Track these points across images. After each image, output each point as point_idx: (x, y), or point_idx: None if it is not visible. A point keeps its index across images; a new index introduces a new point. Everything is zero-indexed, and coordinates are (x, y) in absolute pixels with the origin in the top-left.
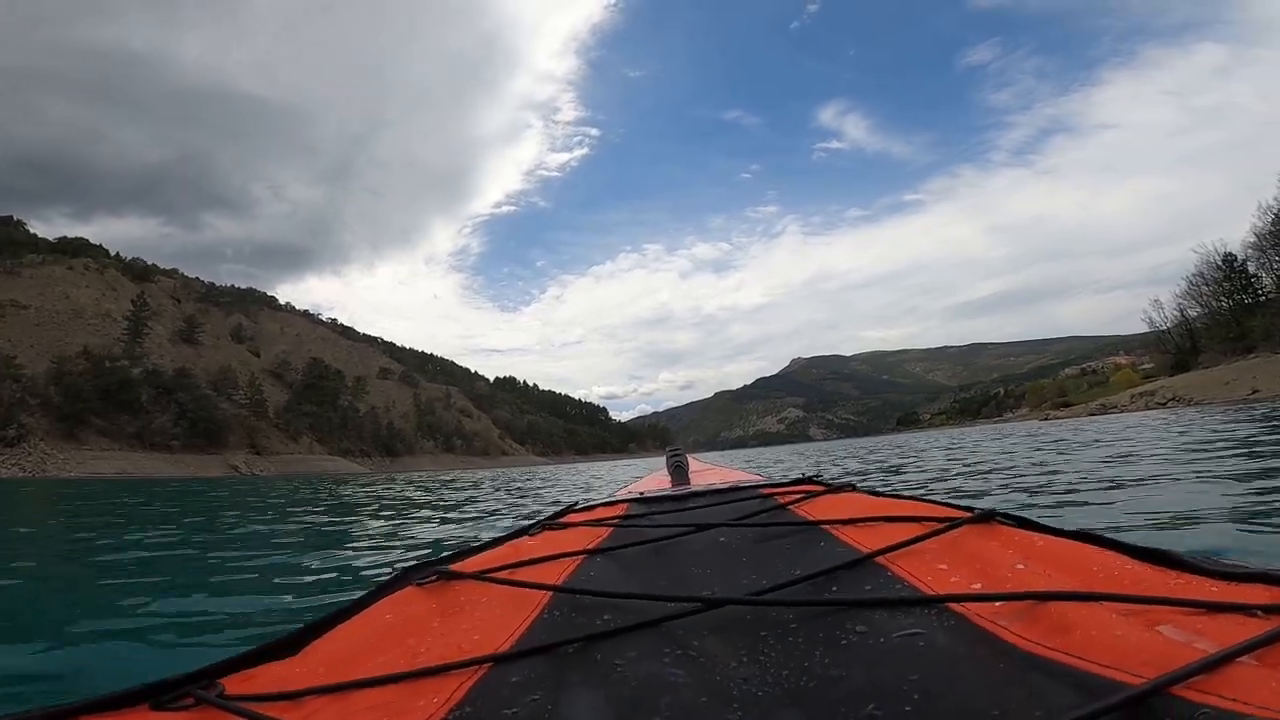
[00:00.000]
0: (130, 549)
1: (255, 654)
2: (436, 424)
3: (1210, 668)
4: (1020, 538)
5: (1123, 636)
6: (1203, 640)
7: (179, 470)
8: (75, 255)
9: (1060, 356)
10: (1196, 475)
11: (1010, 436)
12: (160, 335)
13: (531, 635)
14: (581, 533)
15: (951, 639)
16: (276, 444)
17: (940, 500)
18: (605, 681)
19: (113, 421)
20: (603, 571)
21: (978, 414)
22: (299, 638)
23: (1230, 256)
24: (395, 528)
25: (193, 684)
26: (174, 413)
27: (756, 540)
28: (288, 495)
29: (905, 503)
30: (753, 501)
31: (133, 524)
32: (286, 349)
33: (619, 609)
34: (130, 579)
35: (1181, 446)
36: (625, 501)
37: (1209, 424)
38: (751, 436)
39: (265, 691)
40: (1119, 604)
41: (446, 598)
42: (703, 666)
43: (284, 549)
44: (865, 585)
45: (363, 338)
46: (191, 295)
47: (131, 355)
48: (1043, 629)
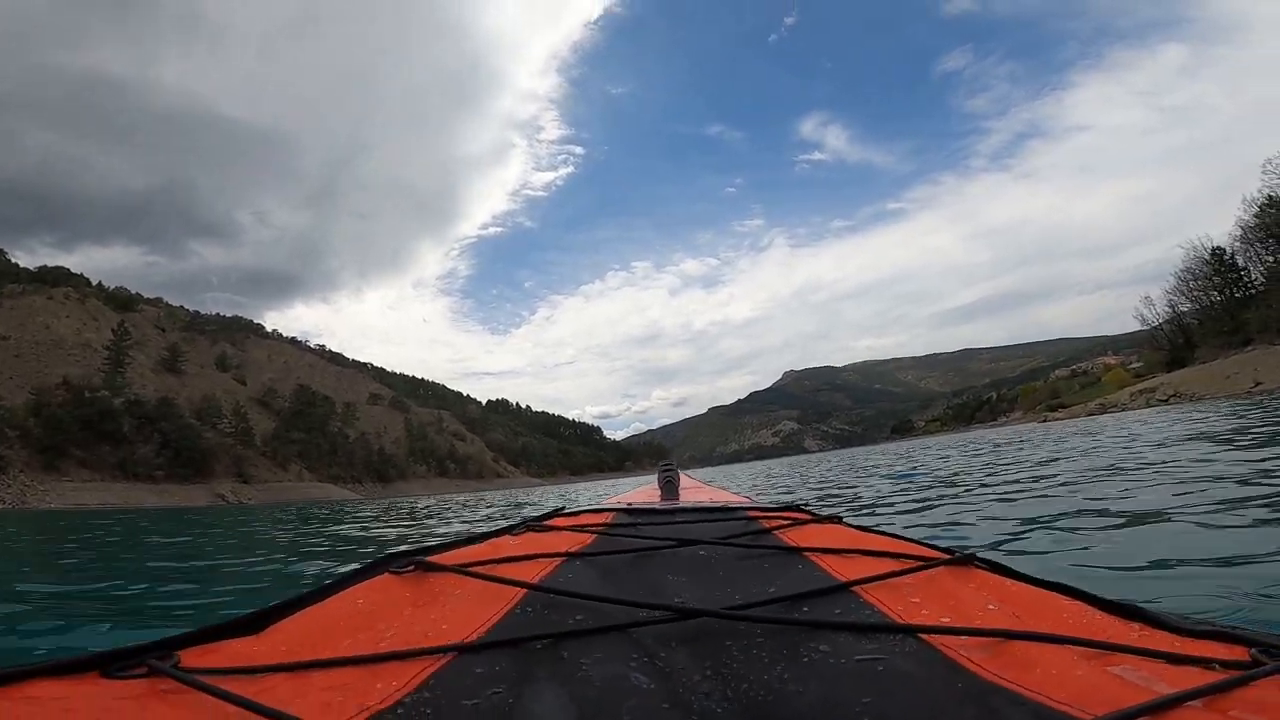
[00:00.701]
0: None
1: (216, 629)
2: (429, 448)
3: (1159, 709)
4: (995, 582)
5: (1081, 676)
6: (1159, 684)
7: (163, 500)
8: (56, 284)
9: (1050, 359)
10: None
11: (1032, 441)
12: (143, 364)
13: (500, 629)
14: (564, 536)
15: (913, 665)
16: (264, 472)
17: (922, 540)
18: (569, 680)
19: (94, 452)
20: (580, 575)
21: (971, 419)
22: (263, 616)
23: (1219, 250)
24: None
25: (147, 654)
26: (157, 442)
27: (736, 559)
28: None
29: (888, 539)
30: (738, 522)
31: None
32: (274, 377)
33: (592, 612)
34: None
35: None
36: (612, 510)
37: (1225, 418)
38: (747, 450)
39: (222, 666)
40: (1083, 648)
41: (421, 587)
42: (667, 675)
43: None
44: (836, 610)
45: (352, 364)
46: (176, 324)
47: (113, 385)
48: (1003, 663)
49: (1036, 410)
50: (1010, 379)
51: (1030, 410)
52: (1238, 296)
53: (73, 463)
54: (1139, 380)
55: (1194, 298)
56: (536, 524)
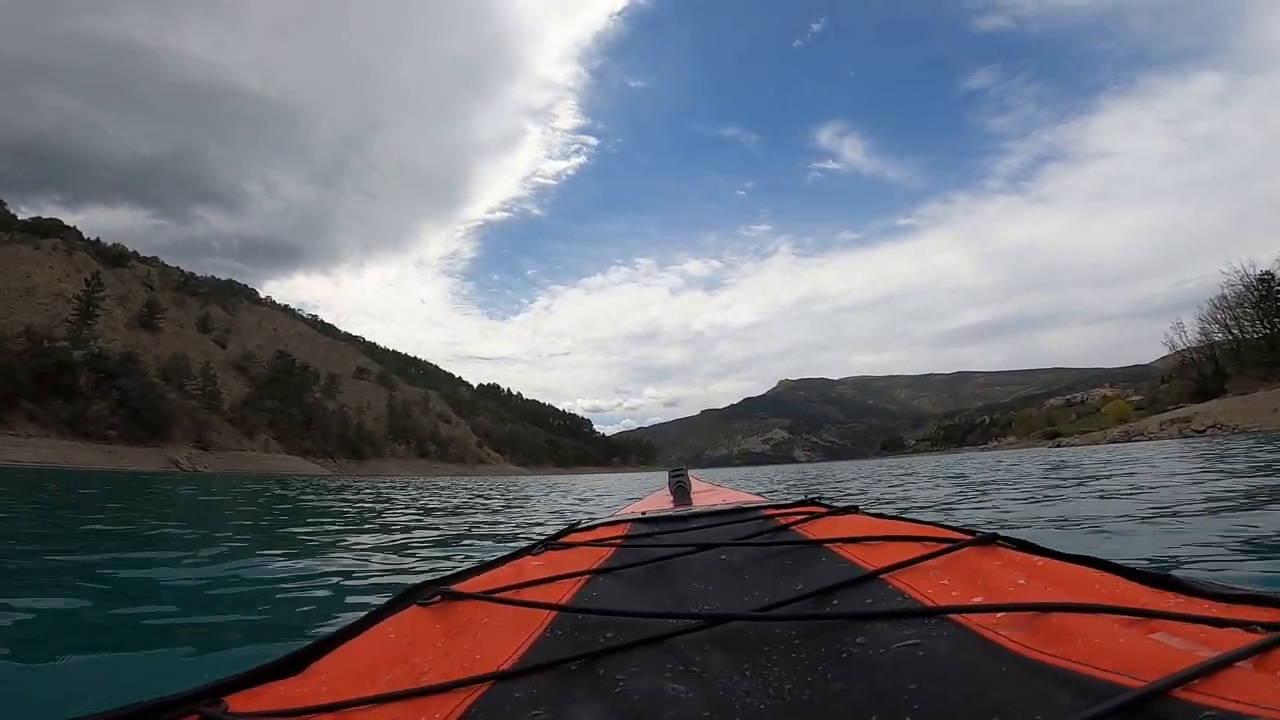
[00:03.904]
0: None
1: (259, 672)
2: (411, 428)
3: (1210, 671)
4: (1022, 559)
5: (1124, 644)
6: (1204, 649)
7: (110, 462)
8: (46, 236)
9: (1044, 387)
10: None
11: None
12: (117, 319)
13: (534, 654)
14: (585, 553)
15: (951, 647)
16: (228, 439)
17: (940, 523)
18: (608, 698)
19: (45, 406)
20: (606, 591)
21: (962, 441)
22: (302, 656)
23: (1267, 275)
24: None
25: (196, 701)
26: (114, 400)
27: (759, 558)
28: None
29: (908, 524)
30: (755, 522)
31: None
32: (261, 343)
33: (622, 627)
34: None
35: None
36: (627, 521)
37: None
38: (736, 455)
39: (269, 709)
40: (1119, 616)
41: (450, 618)
42: (705, 682)
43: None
44: (866, 600)
45: (344, 336)
46: (168, 284)
47: (76, 337)
48: (1043, 638)
49: (1032, 436)
50: (1003, 404)
51: (1025, 436)
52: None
53: (20, 415)
54: (1137, 414)
55: (1229, 325)
56: (554, 542)
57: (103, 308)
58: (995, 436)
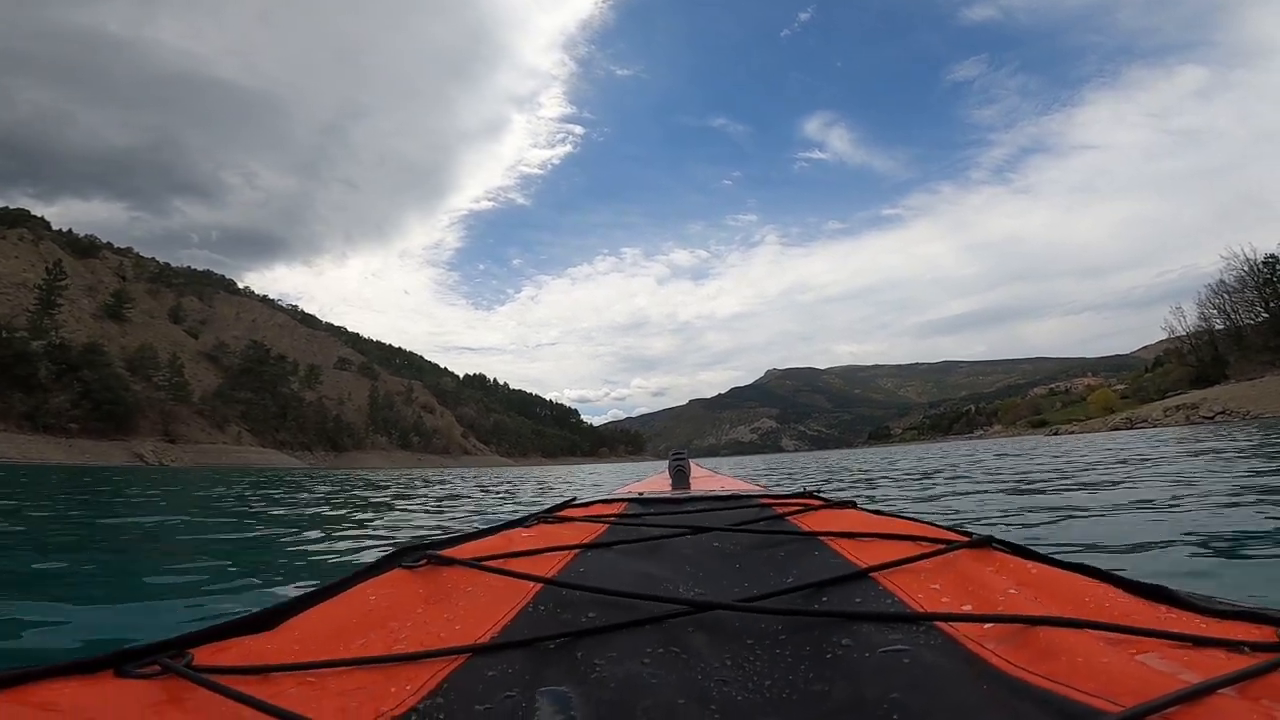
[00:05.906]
0: None
1: (228, 626)
2: (393, 419)
3: (1190, 698)
4: (1015, 565)
5: (1107, 664)
6: (1187, 672)
7: (71, 457)
8: (13, 225)
9: (1027, 376)
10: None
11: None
12: (83, 309)
13: (514, 628)
14: (577, 527)
15: (936, 657)
16: (197, 432)
17: (938, 524)
18: (585, 681)
19: (2, 399)
20: (594, 566)
21: (949, 430)
22: (277, 613)
23: (1271, 258)
24: None
25: (161, 652)
26: (76, 392)
27: (751, 547)
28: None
29: (905, 522)
30: (751, 510)
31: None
32: (239, 335)
33: (607, 606)
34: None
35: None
36: (624, 500)
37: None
38: (724, 445)
39: (235, 664)
40: (1107, 633)
41: (434, 583)
42: (685, 671)
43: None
44: (856, 598)
45: (325, 327)
46: (142, 274)
47: (36, 327)
48: (1029, 654)
49: (1018, 425)
50: (988, 394)
51: (1011, 425)
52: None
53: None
54: (1125, 403)
55: (1230, 310)
56: (547, 516)
57: (67, 297)
58: (980, 426)
